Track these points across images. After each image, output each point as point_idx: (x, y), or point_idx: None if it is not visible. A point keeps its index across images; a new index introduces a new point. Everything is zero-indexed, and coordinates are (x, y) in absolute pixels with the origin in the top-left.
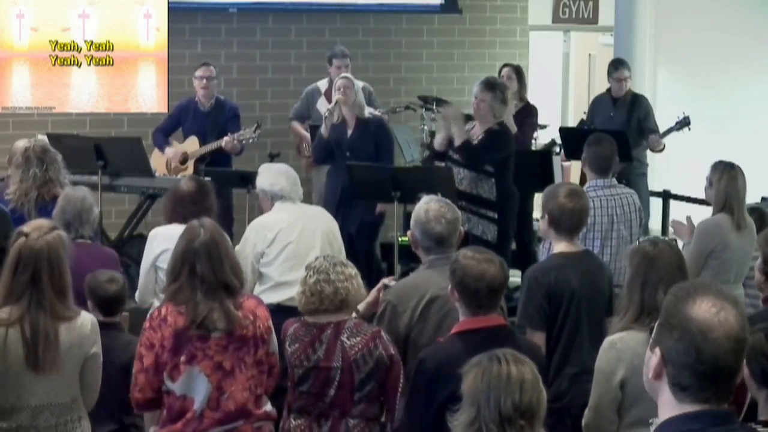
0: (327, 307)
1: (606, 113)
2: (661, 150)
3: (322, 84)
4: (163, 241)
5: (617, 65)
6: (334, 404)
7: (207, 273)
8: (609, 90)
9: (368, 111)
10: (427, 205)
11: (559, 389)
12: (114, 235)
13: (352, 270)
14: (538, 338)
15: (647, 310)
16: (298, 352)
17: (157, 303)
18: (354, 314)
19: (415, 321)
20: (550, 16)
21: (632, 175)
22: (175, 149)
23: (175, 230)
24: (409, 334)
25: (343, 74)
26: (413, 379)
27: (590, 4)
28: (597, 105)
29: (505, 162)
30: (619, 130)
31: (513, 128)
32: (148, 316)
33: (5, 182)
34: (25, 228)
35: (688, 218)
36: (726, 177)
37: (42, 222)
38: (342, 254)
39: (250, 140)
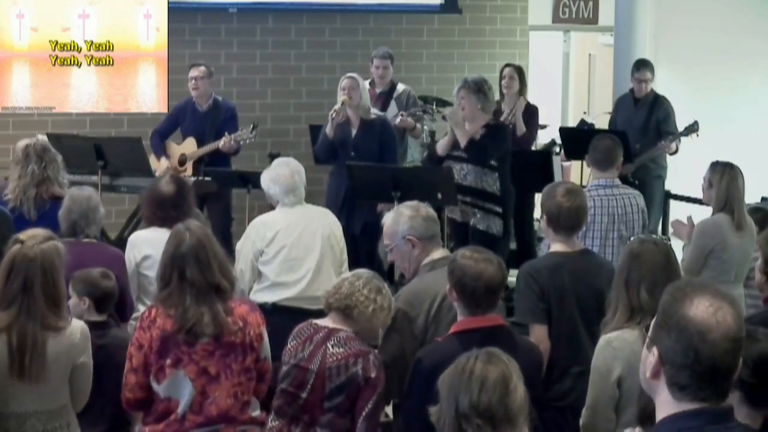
0: (342, 308)
1: (627, 113)
2: (674, 153)
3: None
4: (144, 246)
5: (639, 66)
6: (305, 408)
7: (196, 277)
8: (632, 90)
9: (374, 112)
10: (402, 207)
11: (563, 388)
12: (114, 235)
13: (385, 299)
14: (539, 331)
15: (636, 308)
16: (292, 350)
17: (142, 308)
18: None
19: (430, 323)
20: (550, 16)
21: (648, 177)
22: (168, 163)
23: (155, 235)
24: (425, 337)
25: (348, 74)
26: (410, 378)
27: (590, 4)
28: (620, 104)
29: (506, 156)
30: (619, 131)
31: (522, 129)
32: (139, 316)
33: (5, 182)
34: (22, 236)
35: (689, 218)
36: (727, 177)
37: (39, 231)
38: (344, 257)
39: (248, 140)
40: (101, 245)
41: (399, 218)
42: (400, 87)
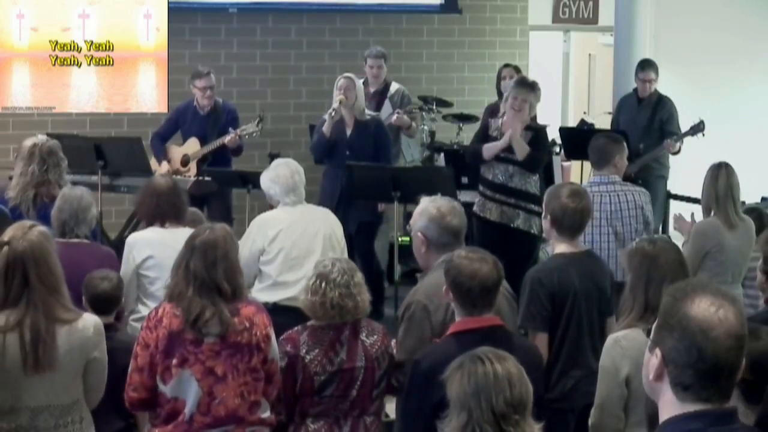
0: (346, 319)
1: (630, 113)
2: (677, 153)
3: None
4: (143, 248)
5: (644, 66)
6: (355, 404)
7: (199, 270)
8: (635, 90)
9: (368, 112)
10: (435, 202)
11: (564, 389)
12: (114, 235)
13: (360, 275)
14: (541, 339)
15: (651, 308)
16: (320, 358)
17: (142, 307)
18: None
19: (449, 317)
20: (550, 16)
21: (651, 177)
22: (168, 167)
23: (156, 235)
24: (443, 330)
25: (345, 74)
26: (408, 380)
27: (590, 4)
28: (623, 105)
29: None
30: (619, 131)
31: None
32: (146, 315)
33: (8, 181)
34: (5, 236)
35: (692, 215)
36: (708, 178)
37: (21, 223)
38: (345, 257)
39: (254, 134)
40: (92, 245)
41: (423, 212)
42: (394, 86)
